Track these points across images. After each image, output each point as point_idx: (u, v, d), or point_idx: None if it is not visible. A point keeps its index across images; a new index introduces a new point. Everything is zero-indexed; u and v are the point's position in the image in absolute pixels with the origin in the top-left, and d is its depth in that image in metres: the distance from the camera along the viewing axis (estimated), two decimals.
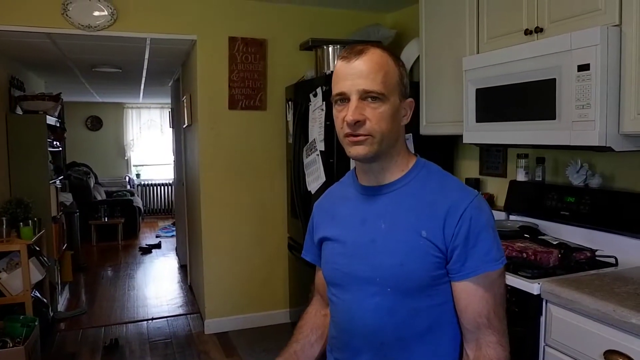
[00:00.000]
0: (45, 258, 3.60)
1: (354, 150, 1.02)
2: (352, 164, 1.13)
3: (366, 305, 1.05)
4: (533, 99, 1.95)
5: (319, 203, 1.25)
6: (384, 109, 1.00)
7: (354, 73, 1.00)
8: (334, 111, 1.05)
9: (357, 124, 0.99)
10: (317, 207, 1.25)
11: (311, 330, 1.27)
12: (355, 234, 1.08)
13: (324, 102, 2.87)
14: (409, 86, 1.08)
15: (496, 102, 2.15)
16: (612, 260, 1.95)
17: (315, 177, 3.01)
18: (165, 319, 4.01)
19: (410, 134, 2.84)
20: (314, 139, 3.00)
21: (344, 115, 1.01)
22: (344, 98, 1.01)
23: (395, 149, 1.06)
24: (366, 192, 1.10)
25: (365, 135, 1.00)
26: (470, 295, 1.01)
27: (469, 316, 1.01)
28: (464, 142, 2.39)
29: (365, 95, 0.99)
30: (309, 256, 1.28)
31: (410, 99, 1.08)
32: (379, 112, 1.00)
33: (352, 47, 1.03)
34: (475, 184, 2.87)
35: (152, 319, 4.01)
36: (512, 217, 2.54)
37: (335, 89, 1.03)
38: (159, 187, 9.24)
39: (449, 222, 1.00)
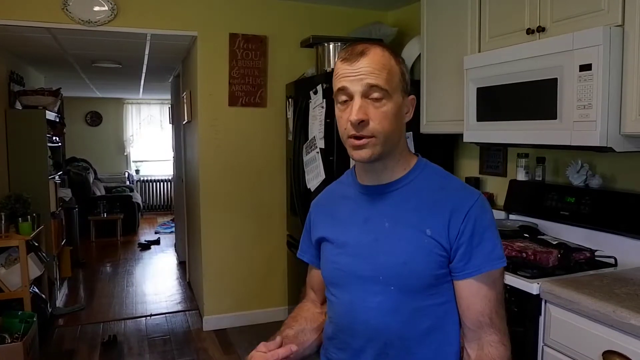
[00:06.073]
0: (43, 254, 3.59)
1: (357, 155, 1.01)
2: (352, 162, 1.11)
3: (368, 305, 1.04)
4: (534, 98, 1.95)
5: (316, 202, 1.23)
6: (387, 108, 0.99)
7: (357, 74, 0.98)
8: (337, 111, 1.03)
9: (361, 123, 0.97)
10: (314, 205, 1.23)
11: (306, 321, 1.22)
12: (357, 233, 1.07)
13: (324, 100, 2.86)
14: (410, 83, 1.07)
15: (497, 101, 2.15)
16: (612, 261, 1.95)
17: (315, 175, 3.01)
18: (163, 315, 4.00)
19: (410, 133, 2.83)
20: (314, 137, 2.99)
21: (348, 115, 0.99)
22: (347, 99, 1.00)
23: (398, 148, 1.06)
24: (367, 191, 1.09)
25: (368, 137, 0.98)
26: (473, 294, 1.01)
27: (472, 315, 1.01)
28: (464, 141, 2.39)
29: (368, 92, 0.98)
30: (306, 257, 1.25)
31: (412, 96, 1.07)
32: (382, 112, 0.98)
33: (352, 47, 1.01)
34: (475, 183, 2.87)
35: (151, 315, 4.01)
36: (511, 217, 2.54)
37: (337, 88, 1.01)
38: (158, 183, 9.22)
39: (453, 220, 1.00)
